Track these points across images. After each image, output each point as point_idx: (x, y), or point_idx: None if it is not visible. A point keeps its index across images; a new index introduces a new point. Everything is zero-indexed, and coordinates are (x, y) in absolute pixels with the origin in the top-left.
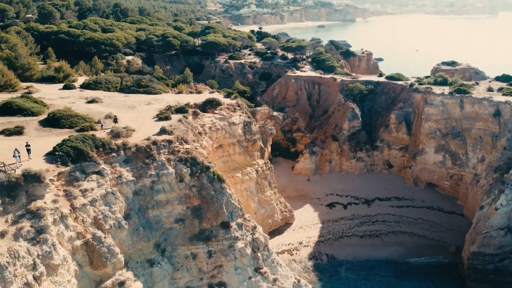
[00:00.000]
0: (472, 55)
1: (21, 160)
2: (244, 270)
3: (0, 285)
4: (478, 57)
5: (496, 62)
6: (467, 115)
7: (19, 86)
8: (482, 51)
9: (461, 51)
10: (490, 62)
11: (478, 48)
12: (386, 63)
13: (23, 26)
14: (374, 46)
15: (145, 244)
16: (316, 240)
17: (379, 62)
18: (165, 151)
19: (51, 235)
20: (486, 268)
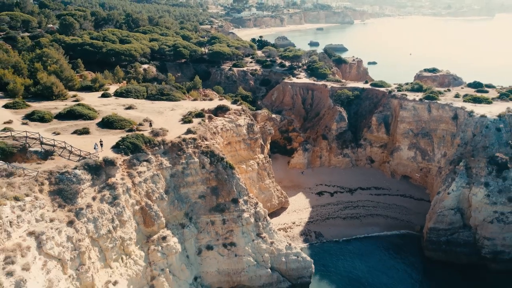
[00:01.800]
0: (461, 59)
1: (98, 151)
2: (249, 234)
3: (95, 230)
4: (468, 60)
5: (481, 65)
6: (433, 118)
7: (67, 95)
8: (473, 54)
9: (452, 53)
10: (476, 64)
11: (470, 51)
12: (379, 67)
13: (51, 38)
14: (369, 50)
15: (178, 212)
16: (307, 221)
17: (373, 66)
18: (191, 146)
19: (121, 201)
20: (439, 240)
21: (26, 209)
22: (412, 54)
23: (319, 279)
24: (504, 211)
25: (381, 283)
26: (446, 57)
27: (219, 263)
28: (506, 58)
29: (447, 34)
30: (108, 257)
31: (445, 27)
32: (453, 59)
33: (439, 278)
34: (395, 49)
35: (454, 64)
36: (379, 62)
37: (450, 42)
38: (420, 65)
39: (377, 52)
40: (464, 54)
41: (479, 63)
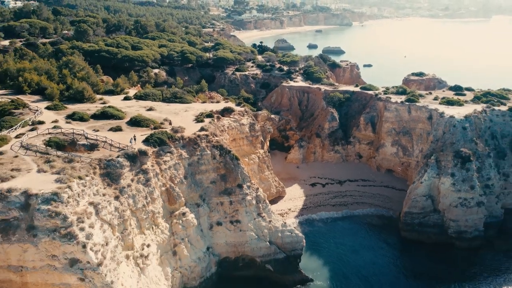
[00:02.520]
0: (454, 61)
1: (133, 144)
2: (251, 213)
3: (134, 204)
4: (460, 63)
5: (473, 67)
6: (412, 118)
7: (95, 98)
8: (466, 56)
9: (445, 56)
10: (468, 67)
11: (463, 53)
12: (374, 69)
13: (69, 44)
14: (365, 52)
15: (194, 194)
16: (301, 208)
17: (368, 68)
18: (204, 141)
19: (152, 183)
20: (413, 222)
21: (86, 185)
22: (406, 56)
23: (310, 253)
24: (467, 197)
25: (363, 258)
26: (439, 60)
27: (226, 237)
28: (498, 60)
29: (442, 36)
30: (142, 226)
31: (441, 29)
32: (445, 62)
33: (412, 254)
34: (390, 52)
35: (446, 66)
36: (375, 64)
37: (444, 44)
38: (413, 68)
39: (373, 54)
40: (457, 56)
41: (471, 65)
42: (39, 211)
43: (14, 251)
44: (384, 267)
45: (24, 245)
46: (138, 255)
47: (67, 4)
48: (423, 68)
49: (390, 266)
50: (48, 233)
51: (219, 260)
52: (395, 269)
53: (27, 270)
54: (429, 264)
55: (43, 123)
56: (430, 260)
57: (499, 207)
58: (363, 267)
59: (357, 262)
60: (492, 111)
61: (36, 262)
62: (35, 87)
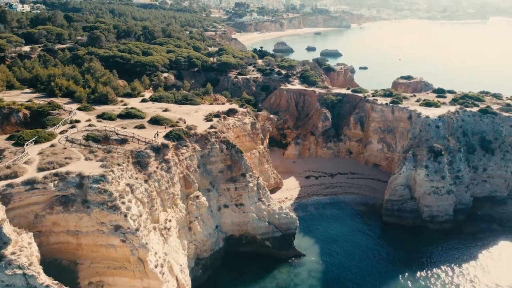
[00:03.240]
0: (447, 64)
1: (156, 139)
2: (252, 198)
3: (158, 186)
4: (452, 65)
5: (464, 69)
6: (396, 118)
7: (117, 101)
8: (459, 57)
9: (439, 59)
10: (459, 68)
11: (456, 55)
12: (370, 72)
13: (85, 50)
14: (361, 55)
15: (205, 181)
16: (296, 197)
17: (364, 71)
18: (214, 136)
19: (172, 170)
20: (393, 208)
21: (123, 170)
22: (401, 59)
23: (303, 234)
24: (438, 186)
25: (349, 238)
26: (433, 62)
27: (232, 217)
28: (492, 61)
29: (438, 39)
30: (165, 205)
31: (438, 31)
32: (439, 64)
33: (392, 235)
34: (386, 54)
35: (439, 69)
36: (370, 67)
37: (439, 46)
38: (407, 70)
39: (369, 57)
40: (451, 58)
41: (464, 66)
42: (91, 189)
43: (72, 219)
44: (367, 246)
45: (79, 214)
46: (162, 227)
47: (72, 7)
48: (416, 70)
49: (372, 245)
50: (98, 205)
51: (226, 237)
52: (377, 247)
53: (82, 233)
54: (406, 244)
55: (79, 122)
56: (406, 240)
57: (468, 196)
58: (349, 245)
59: (344, 241)
60: (464, 112)
61: (88, 228)
62: (64, 91)
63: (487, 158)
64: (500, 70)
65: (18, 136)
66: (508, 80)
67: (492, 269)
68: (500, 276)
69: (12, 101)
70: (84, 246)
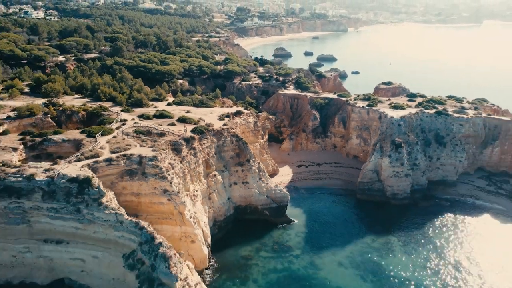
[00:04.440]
0: (429, 69)
1: (186, 133)
2: (255, 178)
3: (189, 166)
4: (433, 70)
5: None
6: (370, 118)
7: (149, 104)
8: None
9: (425, 64)
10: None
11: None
12: (361, 76)
13: (112, 61)
14: (354, 60)
15: (220, 164)
16: (289, 181)
17: (356, 75)
18: (226, 132)
19: (198, 155)
20: (364, 188)
21: (167, 154)
22: (391, 64)
23: (294, 207)
24: (399, 171)
25: (330, 211)
26: (421, 66)
27: (239, 191)
28: (481, 65)
29: (430, 42)
30: (193, 179)
31: (431, 35)
32: (428, 68)
33: (364, 209)
34: (377, 59)
35: (427, 73)
36: (362, 71)
37: (430, 50)
38: (395, 74)
39: (362, 61)
40: (438, 63)
41: (450, 72)
42: (148, 165)
43: (135, 185)
44: (343, 216)
45: (140, 182)
46: (192, 195)
47: (83, 13)
48: (403, 74)
49: (347, 215)
50: (152, 176)
51: (235, 206)
52: (350, 218)
53: (141, 195)
54: (373, 214)
55: (127, 120)
56: (374, 212)
57: (424, 179)
58: (329, 215)
59: (325, 213)
60: (423, 113)
61: (146, 191)
62: (107, 96)
63: (440, 150)
64: (489, 75)
65: (89, 131)
66: (487, 83)
67: (437, 232)
68: (441, 237)
69: (71, 104)
70: (143, 204)
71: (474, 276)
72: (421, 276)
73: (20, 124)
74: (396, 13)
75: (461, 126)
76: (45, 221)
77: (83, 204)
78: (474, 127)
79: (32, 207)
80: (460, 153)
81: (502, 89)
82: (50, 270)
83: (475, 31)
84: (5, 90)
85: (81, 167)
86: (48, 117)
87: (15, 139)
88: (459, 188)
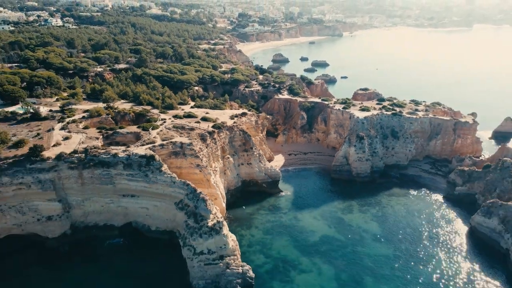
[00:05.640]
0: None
1: (209, 128)
2: (256, 160)
3: (211, 150)
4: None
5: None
6: (344, 118)
7: (178, 108)
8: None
9: (410, 69)
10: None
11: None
12: (349, 80)
13: (141, 71)
14: (344, 65)
15: (231, 150)
16: (282, 165)
17: (344, 80)
18: (236, 127)
19: (217, 143)
20: (337, 170)
21: (197, 142)
22: (378, 69)
23: (284, 183)
24: (361, 156)
25: (311, 185)
26: (404, 71)
27: (245, 170)
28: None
29: (416, 47)
30: (214, 160)
31: (420, 39)
32: (410, 73)
33: (336, 184)
34: (365, 64)
35: (407, 77)
36: (350, 76)
37: (414, 55)
38: (380, 79)
39: (351, 67)
40: (419, 70)
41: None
42: (187, 148)
43: (178, 161)
44: (320, 189)
45: (181, 159)
46: (213, 170)
47: (98, 21)
48: (385, 79)
49: (324, 188)
50: (190, 155)
51: (242, 180)
52: (326, 190)
53: (182, 168)
54: (342, 188)
55: (165, 120)
56: (343, 186)
57: (382, 163)
58: (310, 188)
59: (307, 187)
60: (382, 114)
61: (185, 165)
62: (147, 101)
63: (394, 142)
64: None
65: (143, 126)
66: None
67: (386, 199)
68: (388, 202)
69: (123, 107)
70: (183, 174)
71: (405, 224)
72: (369, 225)
73: (92, 122)
74: (392, 17)
75: (411, 124)
76: (124, 182)
77: (150, 171)
78: (421, 124)
79: (116, 173)
80: (410, 144)
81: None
82: (124, 215)
83: (466, 36)
84: (71, 96)
85: (145, 149)
86: (109, 117)
87: (96, 132)
88: (409, 170)
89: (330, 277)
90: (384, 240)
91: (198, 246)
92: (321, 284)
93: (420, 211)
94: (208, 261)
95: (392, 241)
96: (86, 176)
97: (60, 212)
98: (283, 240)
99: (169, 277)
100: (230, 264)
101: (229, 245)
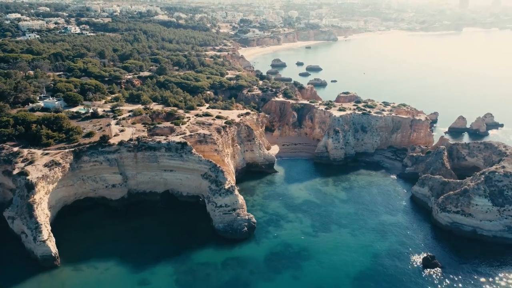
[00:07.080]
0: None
1: (221, 124)
2: (257, 148)
3: (225, 140)
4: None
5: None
6: (326, 116)
7: (197, 108)
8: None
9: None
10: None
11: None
12: (338, 84)
13: (163, 79)
14: (336, 70)
15: (238, 140)
16: (277, 153)
17: (334, 84)
18: (242, 123)
19: (229, 134)
20: (318, 156)
21: (215, 133)
22: (365, 73)
23: (278, 165)
24: (337, 145)
25: (298, 168)
26: (388, 75)
27: (248, 155)
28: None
29: (403, 51)
30: (227, 146)
31: (410, 43)
32: (394, 77)
33: (317, 167)
34: (355, 69)
35: (391, 81)
36: (339, 80)
37: (399, 59)
38: (367, 82)
39: (341, 71)
40: (403, 75)
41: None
42: (208, 138)
43: (202, 147)
44: (306, 170)
45: (204, 145)
46: (226, 154)
47: (111, 28)
48: (371, 82)
49: (308, 170)
50: (210, 142)
51: (246, 163)
52: (310, 171)
53: (205, 152)
54: (322, 170)
55: (190, 118)
56: (323, 168)
57: (353, 151)
58: (297, 170)
59: (296, 168)
60: (355, 113)
61: (207, 149)
62: (173, 104)
63: (363, 135)
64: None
65: (175, 122)
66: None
67: (354, 177)
68: (355, 179)
69: (156, 108)
70: (206, 156)
71: (365, 193)
72: (339, 194)
73: (136, 119)
74: (387, 20)
75: (377, 121)
76: (166, 161)
77: (184, 153)
78: (385, 121)
79: (160, 155)
80: (375, 137)
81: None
82: (165, 185)
83: (454, 39)
84: (114, 100)
85: (179, 138)
86: (147, 115)
87: (141, 126)
88: (375, 157)
89: (308, 225)
90: (349, 203)
91: (218, 201)
92: (302, 229)
93: (378, 185)
94: (225, 212)
95: (354, 203)
96: (139, 157)
97: (121, 182)
98: (276, 203)
99: (198, 224)
100: (240, 214)
101: (239, 201)
